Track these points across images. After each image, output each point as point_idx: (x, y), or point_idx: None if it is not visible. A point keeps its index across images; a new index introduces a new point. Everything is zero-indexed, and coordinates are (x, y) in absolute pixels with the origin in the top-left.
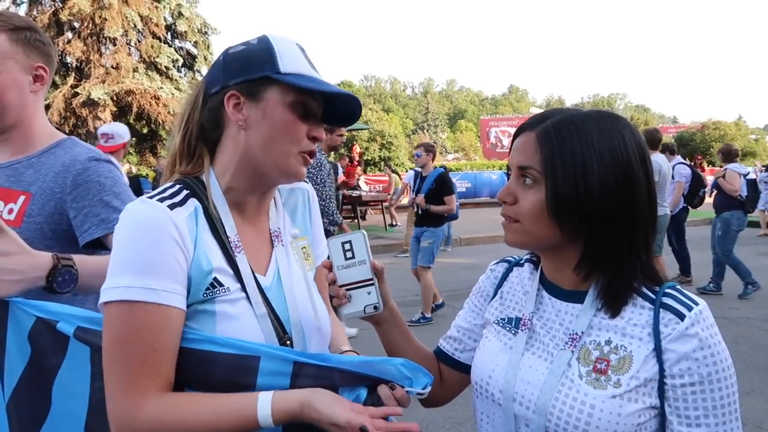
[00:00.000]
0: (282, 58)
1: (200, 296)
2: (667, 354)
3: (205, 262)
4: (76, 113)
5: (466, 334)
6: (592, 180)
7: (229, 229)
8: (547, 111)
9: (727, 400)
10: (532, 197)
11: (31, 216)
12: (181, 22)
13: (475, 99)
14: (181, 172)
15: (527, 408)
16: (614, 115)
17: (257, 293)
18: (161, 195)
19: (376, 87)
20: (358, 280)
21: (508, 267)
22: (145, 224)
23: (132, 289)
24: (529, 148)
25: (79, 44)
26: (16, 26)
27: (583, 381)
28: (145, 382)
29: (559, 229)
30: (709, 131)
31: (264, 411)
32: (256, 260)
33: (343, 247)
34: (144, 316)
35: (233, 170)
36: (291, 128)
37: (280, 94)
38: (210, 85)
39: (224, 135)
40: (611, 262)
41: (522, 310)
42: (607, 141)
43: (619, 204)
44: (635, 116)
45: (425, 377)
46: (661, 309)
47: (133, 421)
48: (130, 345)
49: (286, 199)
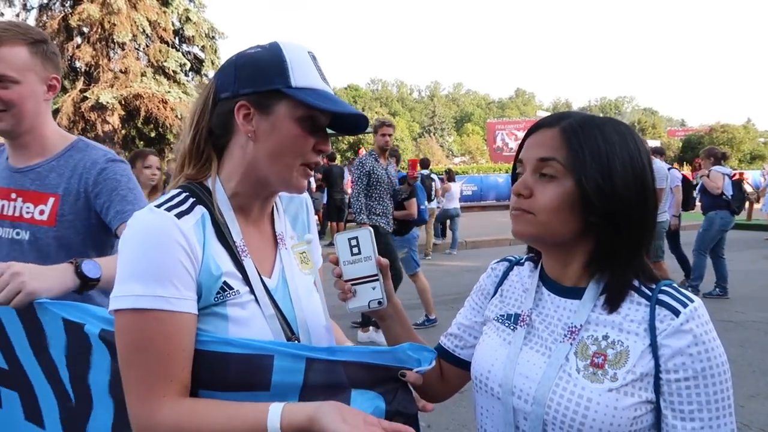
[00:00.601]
0: (294, 70)
1: (211, 300)
2: (662, 349)
3: (214, 267)
4: (85, 117)
5: (466, 332)
6: (616, 179)
7: (236, 234)
8: (562, 112)
9: (720, 395)
10: (552, 191)
11: (64, 215)
12: (188, 27)
13: (482, 102)
14: (188, 176)
15: (525, 401)
16: (625, 123)
17: (265, 295)
18: (169, 204)
19: (382, 90)
20: (363, 275)
21: (508, 266)
22: (154, 233)
23: (143, 297)
24: (552, 143)
25: (88, 49)
26: (35, 40)
27: (580, 375)
28: (162, 387)
29: (575, 225)
30: (718, 134)
31: (273, 423)
32: (261, 263)
33: (350, 242)
34: (156, 324)
35: (239, 177)
36: (299, 142)
37: (290, 109)
38: (221, 88)
39: (232, 141)
40: (621, 260)
41: (521, 306)
42: (626, 145)
43: (637, 206)
44: (643, 119)
45: (430, 353)
46: (657, 305)
47: (153, 427)
48: (144, 353)
49: (287, 205)
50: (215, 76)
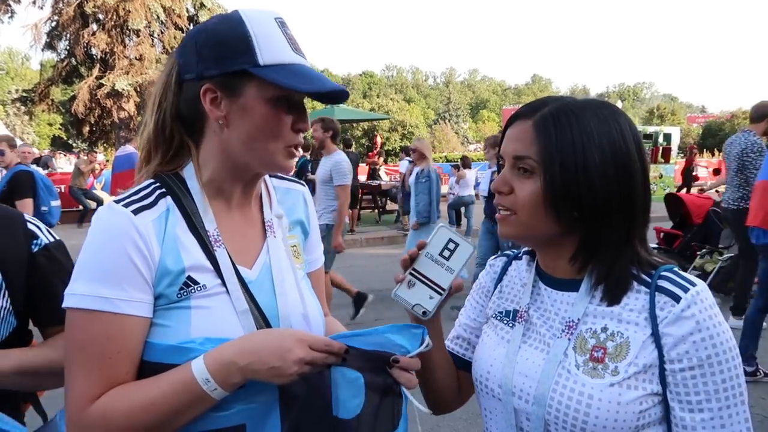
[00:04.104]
0: (260, 46)
1: (174, 297)
2: (664, 338)
3: (173, 263)
4: (101, 104)
5: (473, 333)
6: (591, 171)
7: (208, 223)
8: (542, 99)
9: (729, 383)
10: (529, 188)
11: None
12: (203, 13)
13: (498, 89)
14: (159, 166)
15: (526, 401)
16: (610, 104)
17: (238, 288)
18: (130, 198)
19: (397, 77)
20: (433, 279)
21: (507, 261)
22: (106, 232)
23: (86, 297)
24: (525, 137)
25: (104, 36)
26: None
27: (580, 371)
28: (99, 388)
29: (557, 221)
30: (739, 121)
31: (198, 366)
32: (243, 252)
33: (447, 244)
34: (100, 324)
35: (215, 163)
36: (274, 124)
37: (261, 90)
38: (183, 68)
39: (205, 127)
40: (609, 252)
41: (519, 302)
42: (606, 131)
43: (618, 195)
44: (662, 105)
45: (416, 333)
46: (657, 292)
47: (82, 424)
48: (85, 352)
49: (282, 196)
50: (176, 53)
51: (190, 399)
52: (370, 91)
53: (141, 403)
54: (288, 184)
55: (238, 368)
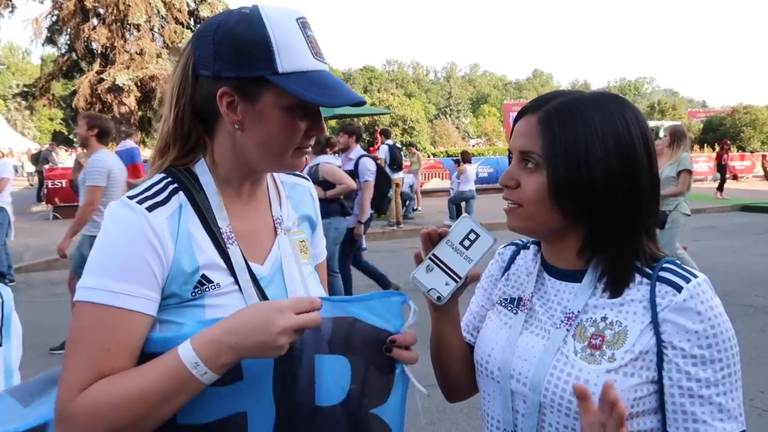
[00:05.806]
0: (280, 52)
1: (188, 296)
2: (663, 325)
3: (188, 262)
4: (102, 99)
5: (483, 320)
6: (595, 165)
7: (221, 220)
8: (549, 93)
9: (727, 371)
10: (535, 182)
11: None
12: (203, 8)
13: (499, 83)
14: (173, 160)
15: (524, 384)
16: (618, 97)
17: (250, 286)
18: (144, 194)
19: (398, 71)
20: (450, 266)
21: (515, 250)
22: (120, 227)
23: (94, 291)
24: (531, 133)
25: (104, 31)
26: None
27: (577, 357)
28: (90, 379)
29: (562, 215)
30: (740, 116)
31: (185, 349)
32: (255, 249)
33: (468, 234)
34: (103, 316)
35: (227, 161)
36: (289, 131)
37: (278, 98)
38: (199, 62)
39: (219, 125)
40: (614, 246)
41: (524, 290)
42: (611, 125)
43: (623, 188)
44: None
45: (396, 301)
46: (658, 282)
47: (70, 414)
48: (83, 343)
49: (289, 191)
50: (192, 44)
51: (178, 384)
52: (371, 86)
53: (129, 392)
54: (294, 179)
55: (229, 347)
